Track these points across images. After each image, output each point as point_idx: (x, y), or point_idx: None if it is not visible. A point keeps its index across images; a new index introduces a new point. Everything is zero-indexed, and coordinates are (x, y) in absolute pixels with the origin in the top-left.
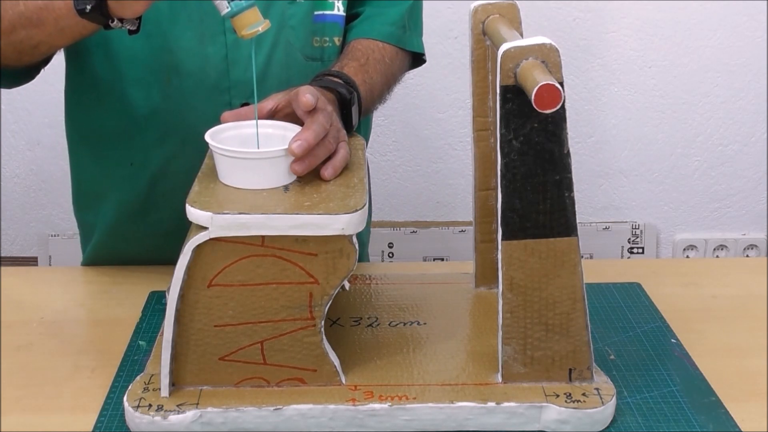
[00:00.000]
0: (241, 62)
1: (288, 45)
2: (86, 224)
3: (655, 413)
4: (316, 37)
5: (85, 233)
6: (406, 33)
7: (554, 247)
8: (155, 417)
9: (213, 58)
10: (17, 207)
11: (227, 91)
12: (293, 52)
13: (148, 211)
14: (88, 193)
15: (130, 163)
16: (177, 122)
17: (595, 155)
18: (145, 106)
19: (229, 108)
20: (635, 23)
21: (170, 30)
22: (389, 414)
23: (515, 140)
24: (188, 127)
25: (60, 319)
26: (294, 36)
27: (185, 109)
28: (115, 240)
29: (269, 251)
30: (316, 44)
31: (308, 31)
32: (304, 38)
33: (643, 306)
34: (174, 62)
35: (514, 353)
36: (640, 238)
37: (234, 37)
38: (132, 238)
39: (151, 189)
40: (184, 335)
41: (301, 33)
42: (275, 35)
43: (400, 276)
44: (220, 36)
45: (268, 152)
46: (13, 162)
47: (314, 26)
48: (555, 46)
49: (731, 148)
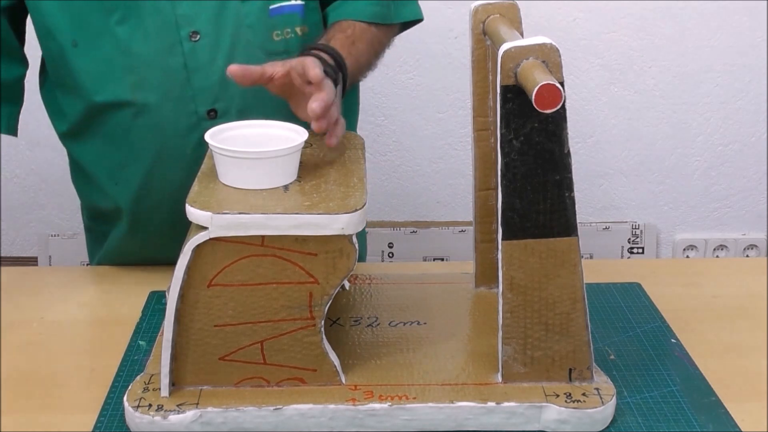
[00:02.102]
0: (201, 69)
1: (247, 45)
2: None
3: (655, 413)
4: (276, 31)
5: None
6: (391, 7)
7: (554, 247)
8: (155, 417)
9: (173, 69)
10: (17, 207)
11: (191, 99)
12: (254, 51)
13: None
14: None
15: (115, 183)
16: (149, 137)
17: (595, 155)
18: (117, 125)
19: (195, 117)
20: (635, 23)
21: (130, 47)
22: (389, 414)
23: (515, 140)
24: (161, 140)
25: (60, 319)
26: (252, 34)
27: (155, 122)
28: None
29: (269, 251)
30: (277, 38)
31: (266, 27)
32: (263, 35)
33: (643, 306)
34: (137, 79)
35: (514, 353)
36: (640, 238)
37: (191, 45)
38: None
39: (136, 206)
40: (184, 335)
41: (260, 30)
42: (233, 37)
43: (400, 276)
44: (178, 46)
45: (269, 152)
46: (13, 162)
47: (272, 21)
48: (555, 46)
49: (731, 148)
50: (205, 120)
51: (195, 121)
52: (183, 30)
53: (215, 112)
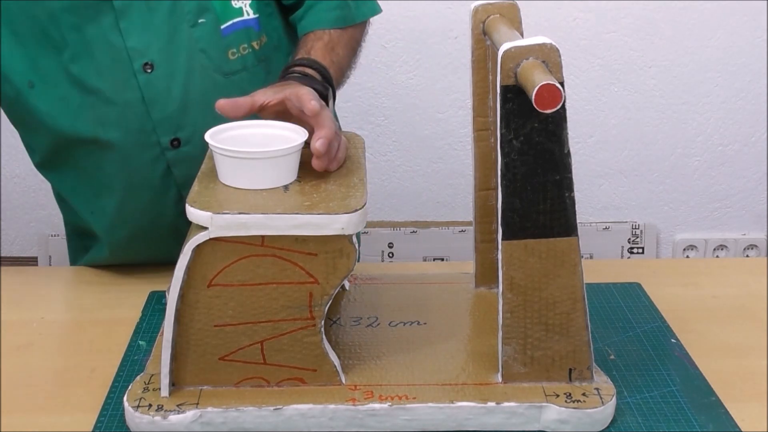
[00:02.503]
0: (158, 100)
1: (203, 69)
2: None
3: (655, 413)
4: (231, 50)
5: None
6: (352, 7)
7: (554, 247)
8: (155, 417)
9: (131, 103)
10: (17, 207)
11: (153, 131)
12: (210, 75)
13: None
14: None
15: (90, 212)
16: (117, 169)
17: (595, 155)
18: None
19: (159, 148)
20: (635, 23)
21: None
22: (389, 414)
23: (515, 140)
24: (129, 172)
25: (60, 319)
26: (207, 59)
27: (120, 156)
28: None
29: (269, 251)
30: (233, 57)
31: (220, 47)
32: (219, 57)
33: (643, 306)
34: (96, 115)
35: (514, 353)
36: (640, 238)
37: (146, 78)
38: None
39: (111, 232)
40: (184, 335)
41: (214, 53)
42: (187, 64)
43: (400, 276)
44: (132, 79)
45: (269, 152)
46: (13, 162)
47: (225, 40)
48: (555, 46)
49: (731, 148)
50: (169, 150)
51: (159, 152)
52: (136, 63)
53: (178, 141)
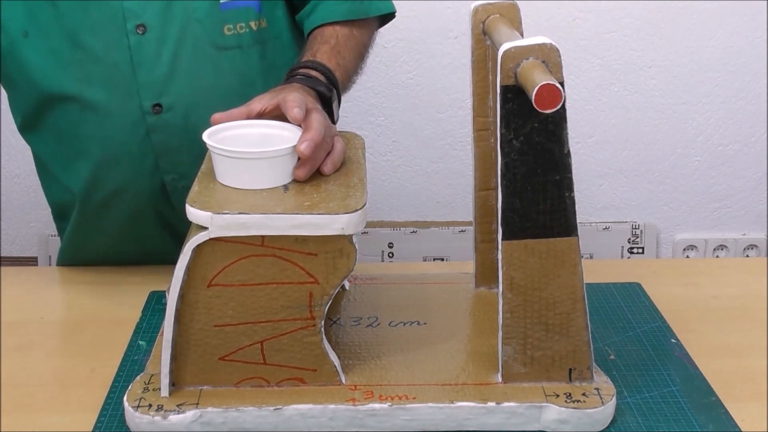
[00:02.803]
0: (146, 63)
1: (196, 39)
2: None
3: (655, 413)
4: (227, 25)
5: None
6: (364, 1)
7: (554, 247)
8: (155, 417)
9: (119, 63)
10: (17, 207)
11: (136, 93)
12: (202, 46)
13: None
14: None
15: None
16: (96, 130)
17: (595, 155)
18: (65, 118)
19: (140, 112)
20: (635, 23)
21: (78, 39)
22: (389, 414)
23: (515, 140)
24: (107, 134)
25: (60, 319)
26: (201, 29)
27: (101, 116)
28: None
29: (269, 251)
30: (228, 32)
31: (216, 21)
32: (213, 29)
33: (643, 306)
34: (83, 72)
35: (514, 353)
36: (640, 238)
37: (137, 39)
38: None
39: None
40: (184, 335)
41: (209, 24)
42: (180, 31)
43: (400, 276)
44: (124, 39)
45: (269, 152)
46: (13, 162)
47: (223, 15)
48: (555, 46)
49: (731, 148)
50: (150, 114)
51: (140, 116)
52: (129, 23)
53: (160, 106)
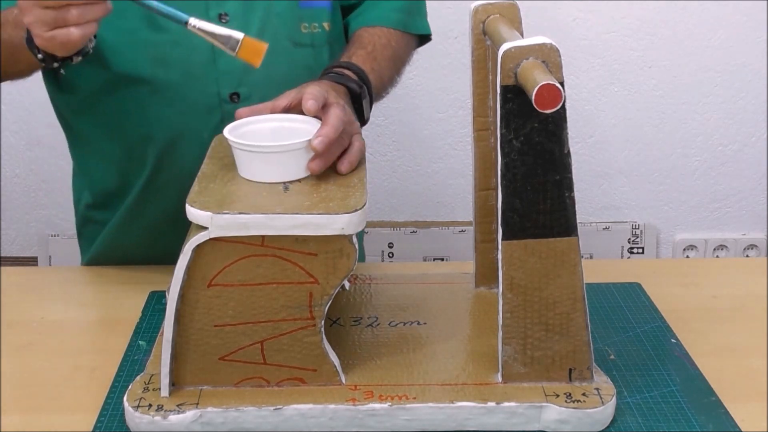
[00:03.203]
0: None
1: (275, 32)
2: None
3: (655, 413)
4: (304, 23)
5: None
6: (412, 16)
7: (554, 247)
8: (155, 417)
9: (199, 48)
10: (17, 207)
11: (215, 81)
12: (280, 40)
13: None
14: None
15: (128, 159)
16: (167, 114)
17: (595, 155)
18: (134, 100)
19: (217, 99)
20: (635, 23)
21: (156, 20)
22: (389, 414)
23: (515, 140)
24: (180, 118)
25: (60, 319)
26: (280, 23)
27: (174, 100)
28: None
29: (269, 251)
30: (304, 30)
31: (295, 17)
32: (292, 25)
33: (643, 306)
34: (160, 54)
35: (514, 353)
36: (640, 238)
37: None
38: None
39: (147, 186)
40: (184, 335)
41: (288, 20)
42: (261, 23)
43: (400, 276)
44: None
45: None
46: (13, 162)
47: (301, 12)
48: (555, 46)
49: (731, 148)
50: (227, 103)
51: (216, 103)
52: (212, 10)
53: (238, 95)
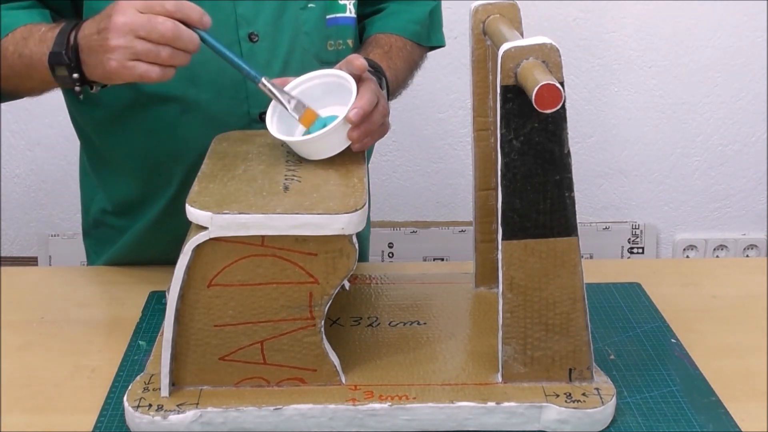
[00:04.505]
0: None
1: (304, 51)
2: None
3: (655, 413)
4: (330, 40)
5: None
6: (430, 30)
7: (554, 247)
8: (155, 417)
9: (230, 68)
10: (17, 207)
11: (245, 100)
12: (308, 58)
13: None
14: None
15: (158, 174)
16: (196, 133)
17: (595, 155)
18: (162, 118)
19: (247, 119)
20: (635, 23)
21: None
22: (389, 414)
23: (515, 140)
24: (208, 138)
25: (60, 319)
26: (309, 41)
27: (204, 120)
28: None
29: (269, 251)
30: (330, 48)
31: (322, 35)
32: (319, 43)
33: (643, 306)
34: (191, 74)
35: (514, 353)
36: (640, 238)
37: (249, 46)
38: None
39: (173, 201)
40: (184, 335)
41: (316, 38)
42: (290, 42)
43: (400, 276)
44: (236, 46)
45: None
46: (13, 162)
47: (328, 30)
48: (555, 46)
49: (731, 148)
50: (257, 122)
51: (247, 123)
52: (242, 30)
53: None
